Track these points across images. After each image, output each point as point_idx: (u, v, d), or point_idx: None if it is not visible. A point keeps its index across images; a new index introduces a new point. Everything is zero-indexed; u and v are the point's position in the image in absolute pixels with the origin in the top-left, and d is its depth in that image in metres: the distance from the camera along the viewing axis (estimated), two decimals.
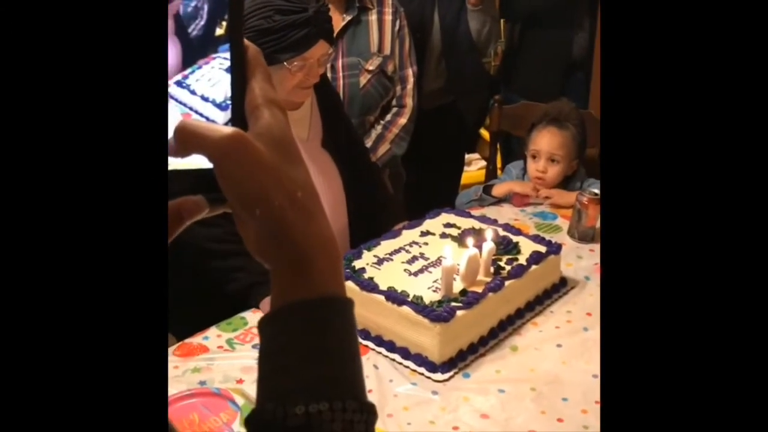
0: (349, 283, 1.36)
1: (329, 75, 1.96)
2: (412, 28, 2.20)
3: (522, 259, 1.48)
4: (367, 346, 1.35)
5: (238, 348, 1.36)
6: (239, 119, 0.44)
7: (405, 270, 1.44)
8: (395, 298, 1.32)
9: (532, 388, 1.26)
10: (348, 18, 2.04)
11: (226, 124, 0.44)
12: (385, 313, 1.33)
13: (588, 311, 1.49)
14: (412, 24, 2.21)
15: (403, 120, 2.17)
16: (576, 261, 1.68)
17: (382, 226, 1.66)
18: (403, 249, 1.52)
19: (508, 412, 1.21)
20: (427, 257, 1.49)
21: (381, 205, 1.86)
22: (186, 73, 0.45)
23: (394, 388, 1.26)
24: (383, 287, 1.35)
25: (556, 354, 1.36)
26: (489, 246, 1.42)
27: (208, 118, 0.44)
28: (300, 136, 1.64)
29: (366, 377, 0.44)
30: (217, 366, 1.30)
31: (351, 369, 0.42)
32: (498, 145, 2.52)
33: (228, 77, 0.44)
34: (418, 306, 1.29)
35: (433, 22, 2.35)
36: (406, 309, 1.30)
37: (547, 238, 1.59)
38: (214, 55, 0.44)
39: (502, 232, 1.57)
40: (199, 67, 0.45)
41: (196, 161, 0.42)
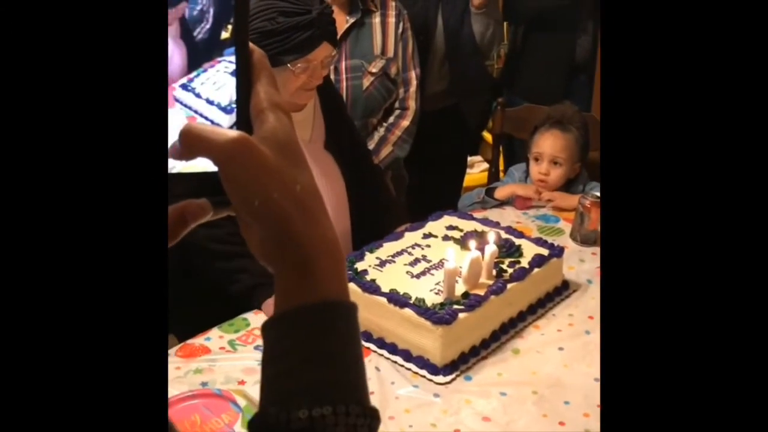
0: (352, 285, 1.36)
1: (332, 77, 1.97)
2: (415, 30, 2.20)
3: (524, 262, 1.48)
4: (369, 348, 1.35)
5: (240, 349, 1.36)
6: (244, 123, 0.44)
7: (407, 272, 1.44)
8: (397, 300, 1.32)
9: (534, 392, 1.26)
10: (351, 20, 2.05)
11: (231, 127, 0.44)
12: (387, 316, 1.33)
13: (590, 314, 1.49)
14: (415, 26, 2.21)
15: (405, 122, 2.17)
16: (578, 264, 1.68)
17: (385, 228, 1.66)
18: (406, 251, 1.52)
19: (509, 415, 1.21)
20: (430, 259, 1.49)
21: (383, 207, 1.86)
22: (191, 76, 0.45)
23: (395, 390, 1.26)
24: (385, 289, 1.35)
25: (558, 357, 1.36)
26: (491, 249, 1.42)
27: (213, 122, 0.45)
28: (303, 138, 1.64)
29: (368, 379, 0.44)
30: (219, 367, 1.30)
31: (354, 373, 0.43)
32: (501, 147, 2.52)
33: (233, 81, 0.44)
34: (420, 308, 1.29)
35: (437, 25, 2.35)
36: (408, 311, 1.30)
37: (549, 241, 1.59)
38: (220, 58, 0.45)
39: (504, 235, 1.57)
40: (205, 70, 0.45)
41: (200, 164, 0.42)
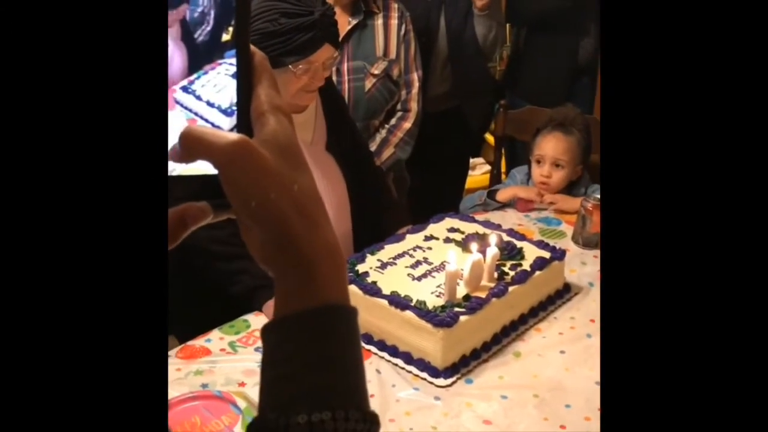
0: (353, 287, 1.36)
1: (334, 78, 1.97)
2: (417, 32, 2.20)
3: (526, 265, 1.47)
4: (369, 351, 1.35)
5: (241, 351, 1.36)
6: (245, 125, 0.43)
7: (408, 274, 1.43)
8: (398, 302, 1.32)
9: (535, 395, 1.25)
10: (354, 22, 2.04)
11: (232, 130, 0.44)
12: (388, 318, 1.33)
13: (592, 318, 1.48)
14: (417, 28, 2.21)
15: (407, 124, 2.17)
16: (580, 267, 1.67)
17: (386, 230, 1.66)
18: (407, 253, 1.52)
19: (510, 418, 1.20)
20: (431, 262, 1.48)
21: (385, 208, 1.86)
22: (192, 78, 0.45)
23: (396, 392, 1.26)
24: (386, 291, 1.35)
25: (560, 360, 1.35)
26: (493, 251, 1.42)
27: (213, 124, 0.44)
28: (304, 140, 1.64)
29: (368, 382, 0.44)
30: (220, 369, 1.30)
31: (354, 378, 0.42)
32: (503, 149, 2.52)
33: (234, 83, 0.44)
34: (421, 311, 1.29)
35: (439, 27, 2.35)
36: (409, 314, 1.30)
37: (551, 243, 1.59)
38: (220, 60, 0.44)
39: (506, 238, 1.56)
40: (205, 72, 0.45)
41: (201, 167, 0.42)
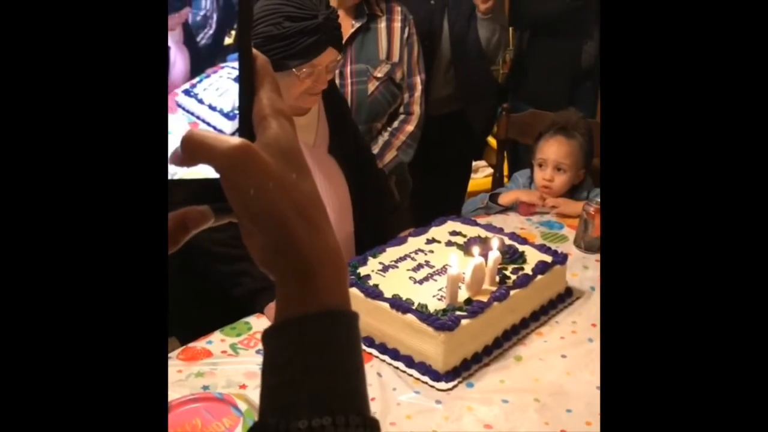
0: (354, 290, 1.36)
1: (337, 81, 1.97)
2: (421, 35, 2.20)
3: (528, 269, 1.47)
4: (370, 354, 1.35)
5: (242, 353, 1.36)
6: (247, 129, 0.43)
7: (410, 278, 1.43)
8: (400, 305, 1.31)
9: (536, 399, 1.25)
10: (357, 25, 2.05)
11: (234, 133, 0.44)
12: (390, 321, 1.33)
13: (593, 322, 1.48)
14: (421, 31, 2.21)
15: (410, 127, 2.17)
16: (582, 271, 1.67)
17: (388, 233, 1.66)
18: (409, 256, 1.52)
19: (511, 422, 1.20)
20: (433, 265, 1.48)
21: (387, 211, 1.86)
22: (194, 81, 0.45)
23: (397, 396, 1.25)
24: (388, 295, 1.35)
25: (561, 365, 1.35)
26: (495, 255, 1.42)
27: (215, 128, 0.44)
28: (307, 142, 1.64)
29: (369, 385, 0.44)
30: (221, 371, 1.30)
31: (354, 383, 0.42)
32: (505, 153, 2.51)
33: (236, 87, 0.44)
34: (423, 314, 1.29)
35: (443, 30, 2.35)
36: (410, 317, 1.30)
37: (553, 247, 1.59)
38: (223, 64, 0.44)
39: (508, 241, 1.56)
40: (208, 76, 0.45)
41: (202, 170, 0.42)
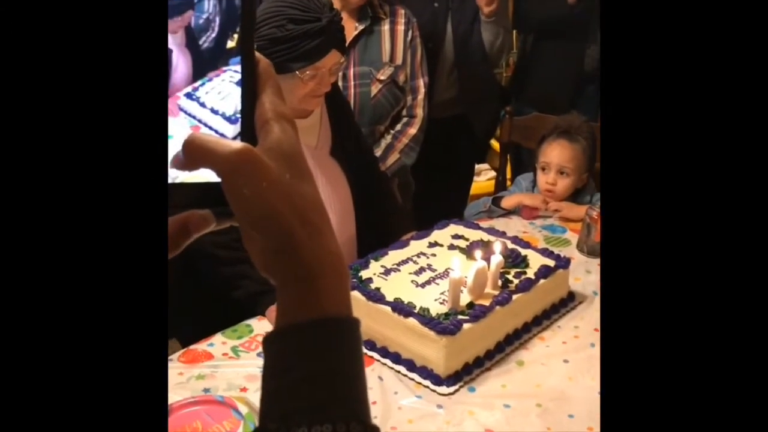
0: (356, 294, 1.36)
1: (340, 84, 1.97)
2: (424, 38, 2.20)
3: (530, 273, 1.47)
4: (372, 357, 1.35)
5: (243, 356, 1.36)
6: (249, 133, 0.43)
7: (412, 281, 1.43)
8: (401, 309, 1.31)
9: (538, 404, 1.25)
10: (361, 27, 2.05)
11: (236, 137, 0.44)
12: (391, 325, 1.32)
13: (595, 327, 1.47)
14: (424, 34, 2.21)
15: (413, 130, 2.17)
16: (584, 276, 1.67)
17: (390, 236, 1.66)
18: (411, 260, 1.51)
19: (513, 427, 1.20)
20: (435, 269, 1.48)
21: (389, 214, 1.85)
22: (196, 85, 0.44)
23: (398, 400, 1.25)
24: (390, 298, 1.34)
25: (563, 370, 1.35)
26: (497, 259, 1.41)
27: (217, 132, 0.44)
28: (309, 144, 1.64)
29: (370, 389, 0.44)
30: (222, 373, 1.30)
31: (355, 390, 0.42)
32: (508, 156, 2.51)
33: (238, 90, 0.44)
34: (425, 318, 1.29)
35: (446, 33, 2.35)
36: (412, 321, 1.29)
37: (555, 251, 1.58)
38: (225, 67, 0.44)
39: (510, 245, 1.56)
40: (210, 79, 0.44)
41: (204, 174, 0.42)
